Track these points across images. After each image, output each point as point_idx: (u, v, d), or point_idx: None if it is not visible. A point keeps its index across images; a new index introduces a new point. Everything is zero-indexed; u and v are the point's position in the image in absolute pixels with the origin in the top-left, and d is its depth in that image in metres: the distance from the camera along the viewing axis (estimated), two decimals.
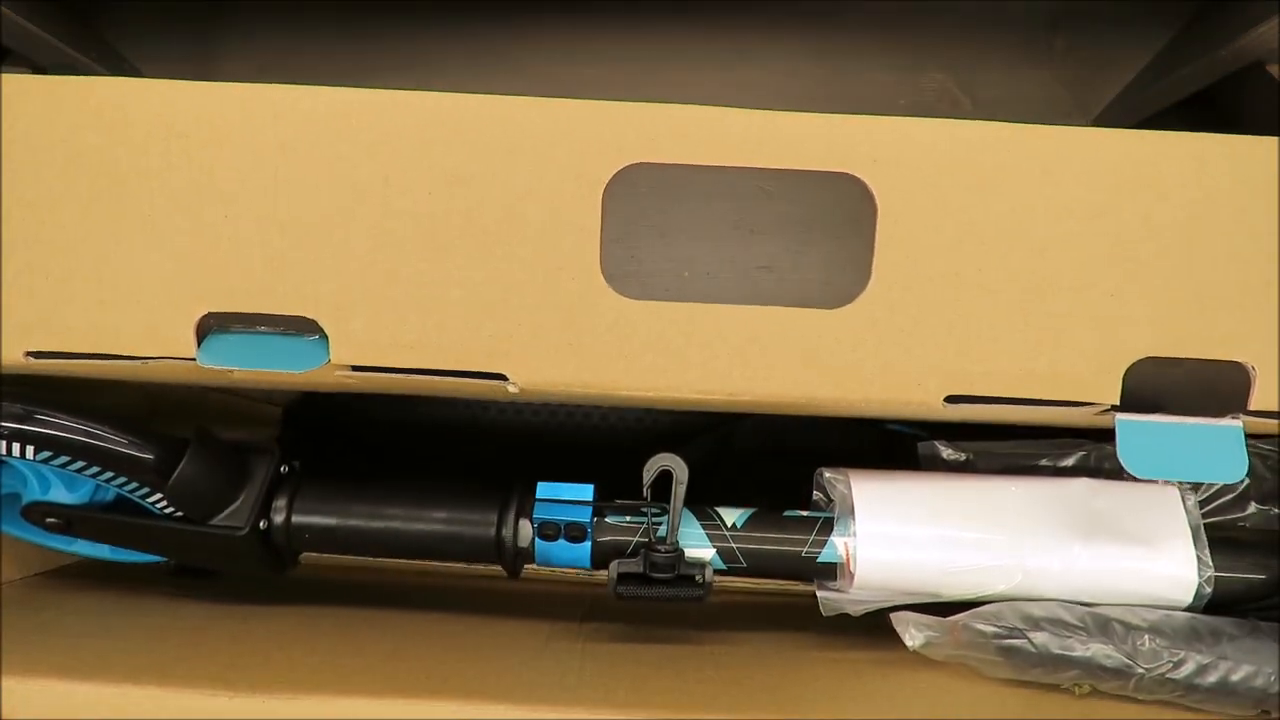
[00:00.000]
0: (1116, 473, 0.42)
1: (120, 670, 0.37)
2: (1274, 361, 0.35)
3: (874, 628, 0.42)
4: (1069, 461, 0.45)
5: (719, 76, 0.61)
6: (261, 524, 0.43)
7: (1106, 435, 0.36)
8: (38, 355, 0.36)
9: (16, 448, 0.40)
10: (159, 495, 0.42)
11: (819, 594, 0.42)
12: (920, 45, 0.60)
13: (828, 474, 0.44)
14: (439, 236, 0.35)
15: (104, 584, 0.51)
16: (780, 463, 0.51)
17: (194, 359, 0.36)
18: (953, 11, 0.59)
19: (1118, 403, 0.35)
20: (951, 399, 0.36)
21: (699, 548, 0.42)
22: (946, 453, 0.46)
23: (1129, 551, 0.40)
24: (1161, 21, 0.55)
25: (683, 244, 0.37)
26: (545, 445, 0.66)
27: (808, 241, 0.36)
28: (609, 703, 0.36)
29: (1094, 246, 0.35)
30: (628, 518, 0.43)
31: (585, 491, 0.43)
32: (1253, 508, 0.43)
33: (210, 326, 0.37)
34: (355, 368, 0.37)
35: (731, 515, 0.43)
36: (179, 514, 0.43)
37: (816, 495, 0.45)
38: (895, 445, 0.55)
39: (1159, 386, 0.36)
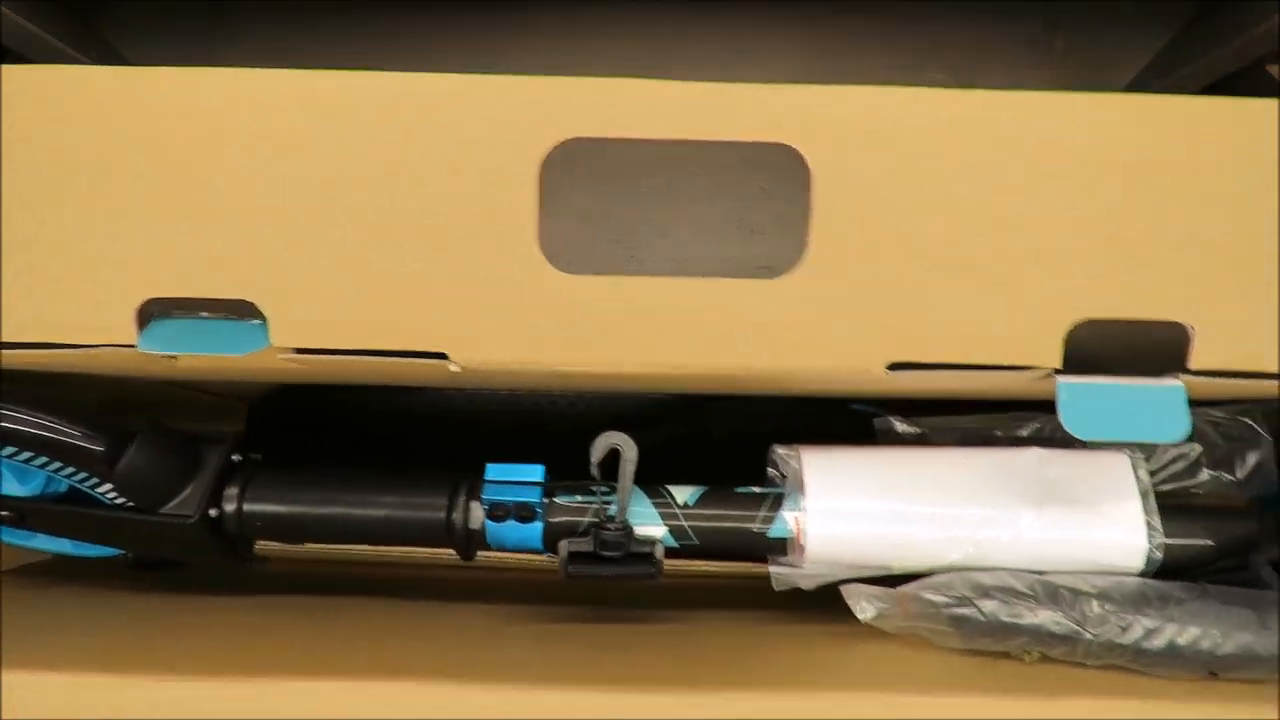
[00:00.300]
0: (1068, 443, 0.42)
1: (100, 662, 0.37)
2: (1214, 320, 0.34)
3: (827, 602, 0.42)
4: (1023, 433, 0.45)
5: (719, 76, 0.61)
6: (212, 512, 0.43)
7: None
8: None
9: None
10: (109, 485, 0.42)
11: (771, 569, 0.42)
12: (920, 45, 0.60)
13: (780, 450, 0.44)
14: (377, 216, 0.35)
15: (79, 579, 0.51)
16: (751, 447, 0.51)
17: (135, 345, 0.36)
18: (953, 11, 0.59)
19: (1060, 366, 0.35)
20: (894, 366, 0.36)
21: (650, 526, 0.42)
22: (901, 427, 0.46)
23: (1080, 519, 0.40)
24: (1161, 21, 0.55)
25: (620, 218, 0.37)
26: (526, 436, 0.65)
27: (745, 212, 0.36)
28: (561, 679, 0.36)
29: (1032, 210, 0.34)
30: (578, 497, 0.43)
31: (535, 472, 0.42)
32: (1205, 474, 0.43)
33: (152, 313, 0.36)
34: (298, 350, 0.36)
35: (683, 493, 0.43)
36: (129, 503, 0.43)
37: (771, 472, 0.45)
38: (863, 427, 0.55)
39: (1100, 348, 0.36)
